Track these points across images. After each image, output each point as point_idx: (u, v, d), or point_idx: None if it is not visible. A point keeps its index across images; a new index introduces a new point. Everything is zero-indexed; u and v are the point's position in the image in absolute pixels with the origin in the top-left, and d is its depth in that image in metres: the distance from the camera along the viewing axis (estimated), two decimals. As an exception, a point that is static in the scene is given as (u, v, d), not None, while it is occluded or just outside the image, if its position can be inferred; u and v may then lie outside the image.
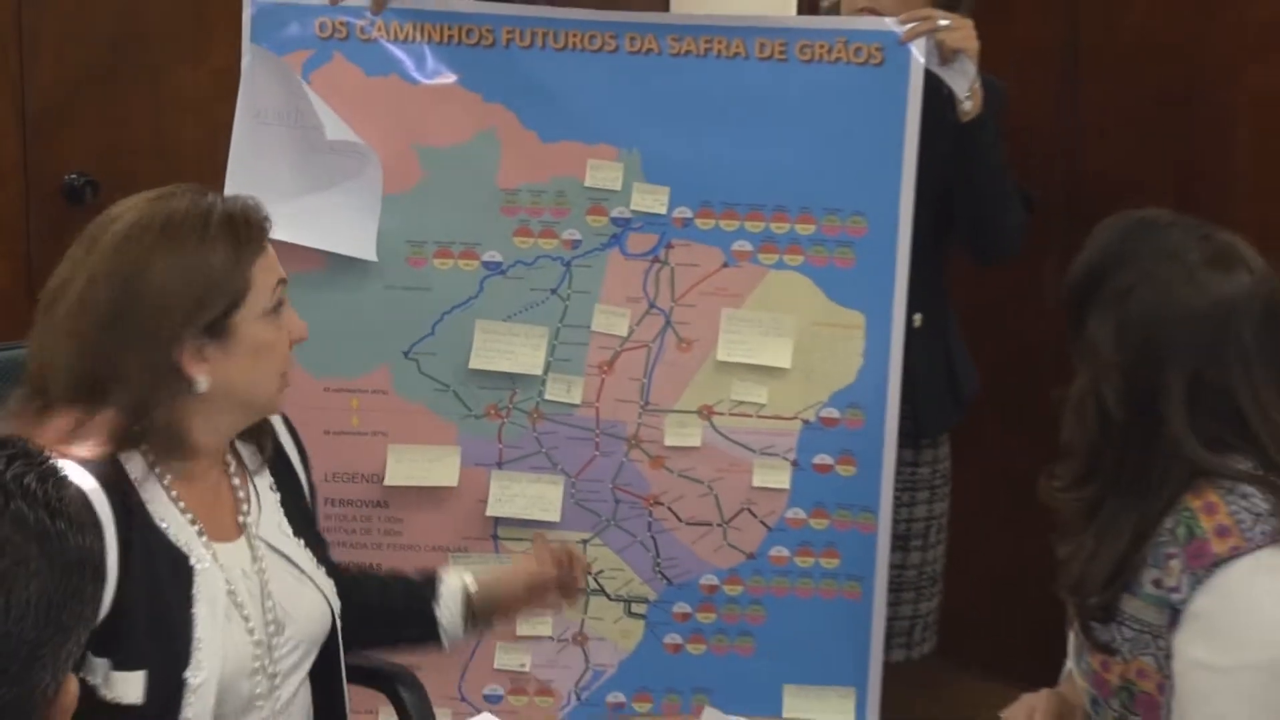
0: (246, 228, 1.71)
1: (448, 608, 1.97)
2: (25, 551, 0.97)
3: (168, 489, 1.68)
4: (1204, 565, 1.57)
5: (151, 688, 1.60)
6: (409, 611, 1.98)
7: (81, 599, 1.01)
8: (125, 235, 1.66)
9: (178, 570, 1.65)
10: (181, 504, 1.69)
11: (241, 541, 1.74)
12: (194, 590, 1.66)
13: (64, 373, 1.63)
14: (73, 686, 1.03)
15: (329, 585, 1.84)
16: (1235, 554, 1.56)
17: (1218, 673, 1.56)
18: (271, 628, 1.73)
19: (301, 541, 1.83)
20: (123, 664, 1.59)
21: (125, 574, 1.59)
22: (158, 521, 1.66)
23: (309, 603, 1.80)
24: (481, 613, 2.00)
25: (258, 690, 1.72)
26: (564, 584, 2.06)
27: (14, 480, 1.00)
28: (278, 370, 1.75)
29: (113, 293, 1.64)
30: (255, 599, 1.72)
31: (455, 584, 1.98)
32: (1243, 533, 1.56)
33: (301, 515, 1.86)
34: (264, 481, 1.82)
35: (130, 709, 1.59)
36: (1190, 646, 1.59)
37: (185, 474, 1.69)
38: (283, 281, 1.74)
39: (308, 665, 1.81)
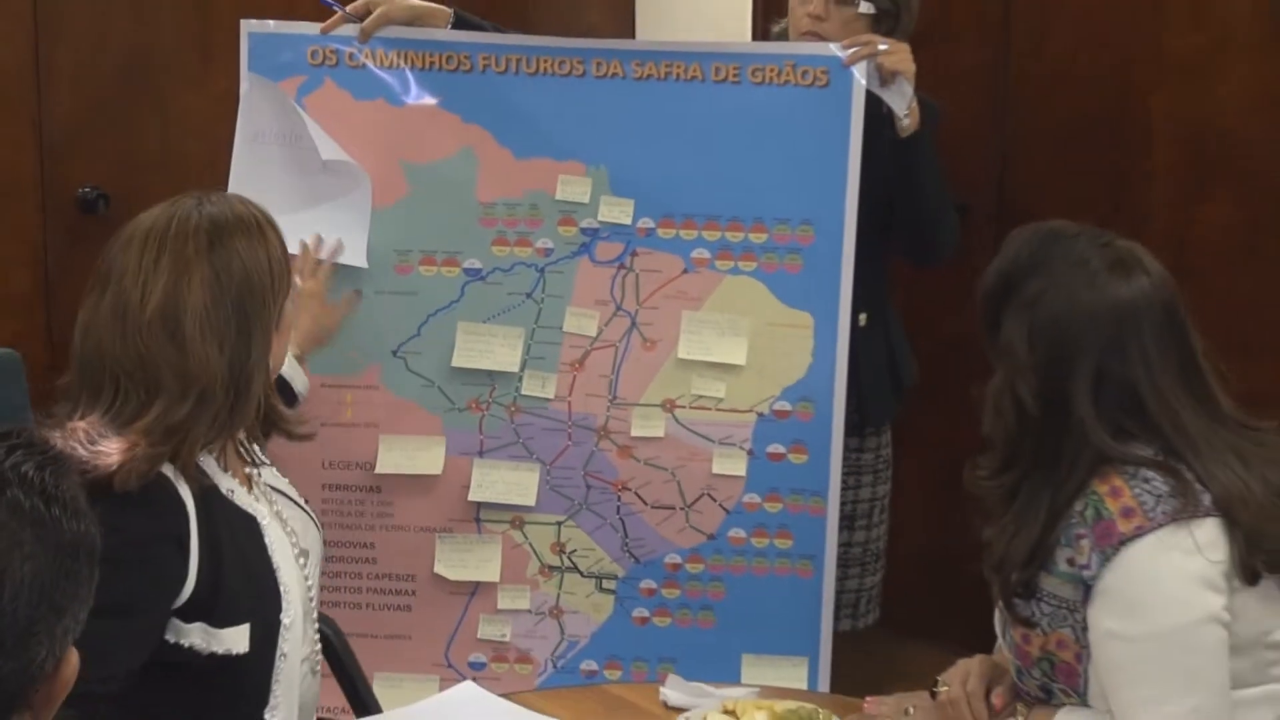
0: (274, 220, 1.74)
1: (296, 376, 2.19)
2: (19, 536, 0.97)
3: (220, 462, 1.70)
4: (1111, 544, 1.58)
5: (254, 636, 1.64)
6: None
7: (76, 581, 1.01)
8: (211, 234, 1.64)
9: (250, 530, 1.69)
10: (230, 472, 1.72)
11: (256, 490, 1.77)
12: (267, 543, 1.70)
13: (214, 377, 1.62)
14: (73, 660, 1.03)
15: (312, 510, 1.89)
16: (1139, 533, 1.57)
17: (1128, 641, 1.58)
18: (302, 560, 1.78)
19: (288, 480, 1.87)
20: (225, 622, 1.62)
21: (211, 547, 1.61)
22: (225, 492, 1.68)
23: (311, 529, 1.86)
24: (306, 353, 2.26)
25: (311, 613, 1.78)
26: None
27: (11, 469, 0.99)
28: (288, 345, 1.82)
29: (232, 292, 1.64)
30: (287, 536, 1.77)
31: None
32: (1145, 513, 1.58)
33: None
34: (241, 433, 1.84)
35: (236, 656, 1.63)
36: (1103, 618, 1.60)
37: (219, 443, 1.71)
38: None
39: (318, 581, 1.87)
